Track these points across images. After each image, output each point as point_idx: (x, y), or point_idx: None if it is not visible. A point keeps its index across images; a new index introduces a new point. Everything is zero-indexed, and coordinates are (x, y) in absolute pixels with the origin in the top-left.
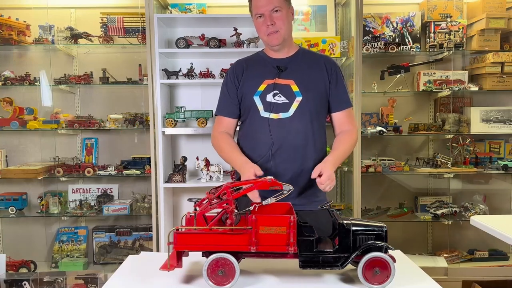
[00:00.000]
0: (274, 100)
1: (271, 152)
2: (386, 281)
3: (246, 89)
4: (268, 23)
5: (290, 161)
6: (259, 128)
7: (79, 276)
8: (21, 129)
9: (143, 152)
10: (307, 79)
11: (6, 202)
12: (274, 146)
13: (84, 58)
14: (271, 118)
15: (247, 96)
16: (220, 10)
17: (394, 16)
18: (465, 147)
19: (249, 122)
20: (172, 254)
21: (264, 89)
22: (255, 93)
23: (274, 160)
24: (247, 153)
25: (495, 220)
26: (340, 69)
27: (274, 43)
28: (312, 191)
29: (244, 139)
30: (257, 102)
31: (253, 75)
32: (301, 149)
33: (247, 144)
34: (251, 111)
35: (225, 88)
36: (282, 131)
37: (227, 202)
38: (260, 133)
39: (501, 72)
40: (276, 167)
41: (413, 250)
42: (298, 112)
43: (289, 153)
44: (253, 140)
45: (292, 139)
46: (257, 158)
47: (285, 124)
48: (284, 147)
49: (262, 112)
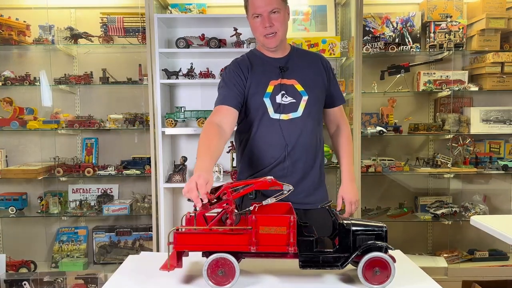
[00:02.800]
0: (282, 101)
1: (286, 153)
2: (386, 281)
3: (253, 90)
4: (267, 25)
5: (302, 160)
6: (270, 130)
7: (79, 276)
8: (21, 129)
9: (143, 152)
10: (308, 78)
11: (6, 202)
12: (288, 146)
13: (84, 58)
14: (281, 119)
15: (255, 97)
16: (220, 10)
17: (394, 16)
18: (465, 147)
19: (257, 124)
20: (172, 254)
21: (272, 90)
22: (265, 94)
23: (289, 160)
24: (259, 155)
25: (495, 220)
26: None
27: (271, 45)
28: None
29: (254, 142)
30: (267, 104)
31: (259, 75)
32: (312, 147)
33: (259, 147)
34: (259, 113)
35: (229, 81)
36: (295, 131)
37: (227, 202)
38: (272, 135)
39: (501, 72)
40: (289, 167)
41: (413, 250)
42: (307, 111)
43: (302, 152)
44: (265, 142)
45: (305, 138)
46: (271, 160)
47: (297, 124)
48: (297, 147)
49: (272, 113)
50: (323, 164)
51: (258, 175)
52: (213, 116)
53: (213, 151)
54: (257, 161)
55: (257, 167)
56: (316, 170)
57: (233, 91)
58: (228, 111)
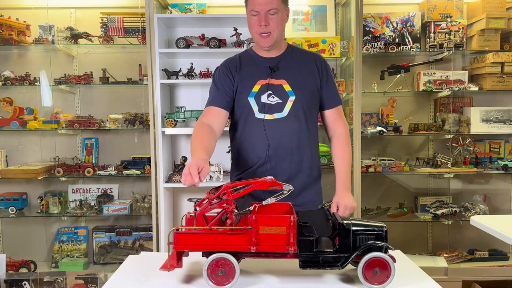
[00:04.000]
0: (268, 101)
1: (268, 154)
2: (386, 281)
3: (240, 89)
4: (262, 23)
5: (287, 162)
6: (254, 130)
7: (79, 276)
8: (21, 129)
9: (143, 152)
10: (298, 78)
11: (6, 202)
12: (271, 147)
13: (84, 58)
14: (266, 119)
15: (241, 96)
16: (220, 10)
17: (394, 16)
18: (465, 147)
19: (243, 124)
20: (172, 254)
21: (258, 90)
22: (249, 94)
23: (271, 162)
24: (244, 155)
25: (495, 220)
26: (329, 66)
27: (264, 45)
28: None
29: (240, 142)
30: (252, 103)
31: (247, 75)
32: (297, 149)
33: (244, 146)
34: (244, 112)
35: (218, 81)
36: (278, 131)
37: (227, 202)
38: (256, 134)
39: (501, 72)
40: (273, 168)
41: (413, 250)
42: (292, 112)
43: (286, 154)
44: (249, 142)
45: (288, 139)
46: (255, 160)
47: (280, 125)
48: (280, 148)
49: (257, 113)
50: (315, 165)
51: (244, 176)
52: (203, 117)
53: (206, 146)
54: (243, 161)
55: (243, 166)
56: (305, 171)
57: (221, 92)
58: (216, 112)
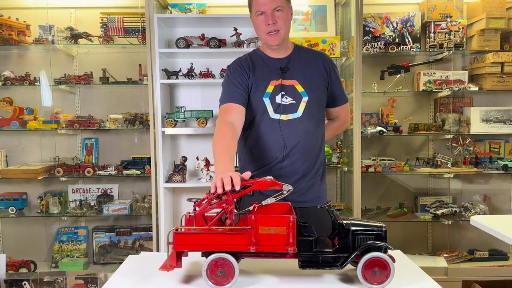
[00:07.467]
0: (282, 101)
1: (285, 154)
2: (386, 281)
3: (254, 89)
4: (269, 22)
5: (301, 161)
6: (270, 130)
7: (79, 276)
8: (21, 129)
9: (143, 152)
10: (309, 78)
11: (6, 202)
12: (287, 147)
13: (84, 58)
14: (281, 119)
15: (256, 96)
16: (220, 10)
17: (394, 16)
18: (465, 147)
19: (257, 124)
20: (172, 254)
21: (272, 90)
22: (264, 94)
23: (288, 161)
24: (258, 155)
25: (495, 220)
26: (335, 64)
27: (273, 43)
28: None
29: (253, 142)
30: (267, 104)
31: (260, 75)
32: (311, 149)
33: (258, 146)
34: (259, 112)
35: (232, 78)
36: (294, 132)
37: (226, 202)
38: (271, 135)
39: (501, 72)
40: (288, 168)
41: (413, 250)
42: (307, 112)
43: (301, 153)
44: (264, 142)
45: (304, 139)
46: (270, 160)
47: (296, 125)
48: (296, 148)
49: (272, 113)
50: (324, 164)
51: (258, 174)
52: (226, 115)
53: (231, 153)
54: (257, 160)
55: (257, 165)
56: (316, 169)
57: (239, 89)
58: (238, 109)
